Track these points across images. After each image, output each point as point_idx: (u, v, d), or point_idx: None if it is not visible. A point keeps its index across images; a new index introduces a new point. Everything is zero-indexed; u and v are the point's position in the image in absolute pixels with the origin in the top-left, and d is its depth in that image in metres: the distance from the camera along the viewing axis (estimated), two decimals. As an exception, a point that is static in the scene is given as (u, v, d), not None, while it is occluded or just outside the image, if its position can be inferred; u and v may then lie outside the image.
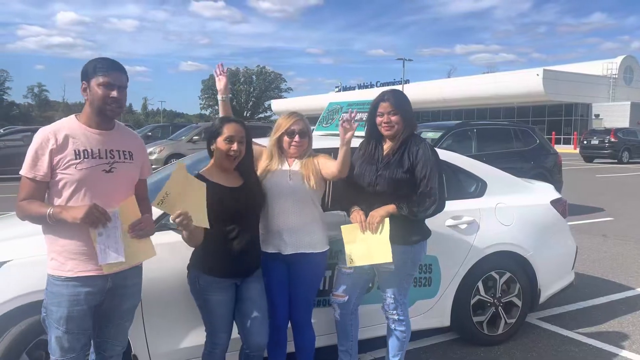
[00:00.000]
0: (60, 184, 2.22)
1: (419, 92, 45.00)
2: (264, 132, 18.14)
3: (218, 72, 3.19)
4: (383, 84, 55.93)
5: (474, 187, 4.02)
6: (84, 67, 2.28)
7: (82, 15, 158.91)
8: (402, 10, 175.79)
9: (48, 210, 2.17)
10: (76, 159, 2.21)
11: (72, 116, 2.34)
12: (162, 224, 3.02)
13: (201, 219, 2.47)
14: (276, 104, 75.33)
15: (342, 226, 3.08)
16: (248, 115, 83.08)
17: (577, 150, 27.77)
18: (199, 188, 2.50)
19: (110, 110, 2.27)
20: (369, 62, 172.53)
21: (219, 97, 3.21)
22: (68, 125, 2.28)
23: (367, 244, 2.99)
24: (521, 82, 40.88)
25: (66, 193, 2.23)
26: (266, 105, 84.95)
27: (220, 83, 3.18)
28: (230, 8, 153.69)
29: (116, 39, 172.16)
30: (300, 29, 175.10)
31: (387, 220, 2.97)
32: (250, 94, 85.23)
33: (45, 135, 2.22)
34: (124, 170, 2.34)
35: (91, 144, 2.26)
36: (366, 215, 3.03)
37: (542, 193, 4.35)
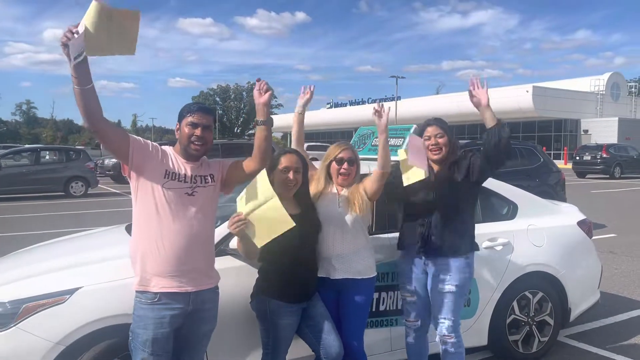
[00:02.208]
0: (150, 199, 2.45)
1: (410, 108, 45.58)
2: (249, 148, 18.22)
3: (303, 91, 3.42)
4: (374, 100, 56.44)
5: (506, 209, 4.18)
6: (179, 111, 2.54)
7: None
8: (391, 28, 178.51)
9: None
10: (165, 178, 2.46)
11: (170, 147, 2.60)
12: (220, 249, 3.13)
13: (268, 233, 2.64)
14: (267, 120, 75.43)
15: (399, 150, 3.28)
16: (239, 131, 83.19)
17: (568, 166, 28.21)
18: (273, 202, 2.64)
19: (195, 149, 2.51)
20: (358, 78, 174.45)
21: (297, 110, 3.45)
22: (167, 151, 2.55)
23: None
24: (511, 99, 41.48)
25: (155, 209, 2.45)
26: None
27: (302, 100, 3.41)
28: (218, 25, 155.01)
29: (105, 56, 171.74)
30: (290, 45, 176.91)
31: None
32: (240, 111, 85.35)
33: (155, 144, 2.53)
34: (204, 193, 2.55)
35: (180, 169, 2.51)
36: (423, 236, 3.19)
37: (569, 214, 4.53)
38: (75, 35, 2.08)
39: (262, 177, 2.64)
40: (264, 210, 2.61)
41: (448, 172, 3.21)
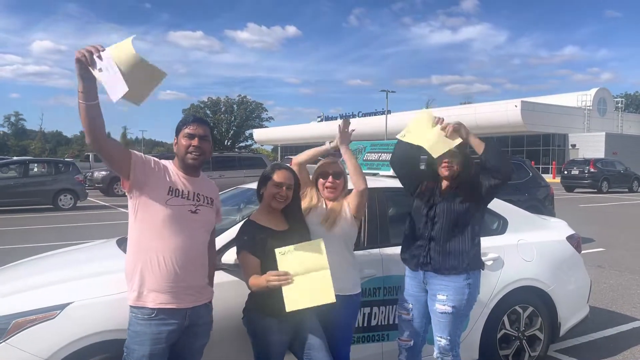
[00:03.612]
0: (152, 215, 2.44)
1: (401, 122, 45.70)
2: (240, 162, 18.40)
3: (342, 128, 3.21)
4: (365, 114, 56.86)
5: (496, 224, 4.21)
6: (176, 125, 2.55)
7: (58, 44, 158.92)
8: (382, 43, 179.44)
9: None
10: (168, 194, 2.46)
11: (170, 161, 2.60)
12: (213, 265, 3.12)
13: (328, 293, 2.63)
14: (258, 133, 75.75)
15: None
16: (229, 144, 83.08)
17: (557, 180, 28.46)
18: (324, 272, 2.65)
19: (192, 159, 2.51)
20: (348, 92, 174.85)
21: (330, 144, 3.28)
22: (169, 166, 2.56)
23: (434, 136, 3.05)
24: (500, 113, 41.96)
25: (157, 225, 2.44)
26: (247, 135, 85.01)
27: (345, 136, 3.23)
28: (209, 38, 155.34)
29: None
30: (281, 59, 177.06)
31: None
32: (231, 123, 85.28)
33: (157, 160, 2.53)
34: (206, 213, 2.57)
35: (183, 186, 2.52)
36: (424, 251, 3.19)
37: (558, 229, 4.57)
38: (101, 59, 2.12)
39: (319, 246, 2.66)
40: (313, 277, 2.62)
41: (455, 189, 3.18)
